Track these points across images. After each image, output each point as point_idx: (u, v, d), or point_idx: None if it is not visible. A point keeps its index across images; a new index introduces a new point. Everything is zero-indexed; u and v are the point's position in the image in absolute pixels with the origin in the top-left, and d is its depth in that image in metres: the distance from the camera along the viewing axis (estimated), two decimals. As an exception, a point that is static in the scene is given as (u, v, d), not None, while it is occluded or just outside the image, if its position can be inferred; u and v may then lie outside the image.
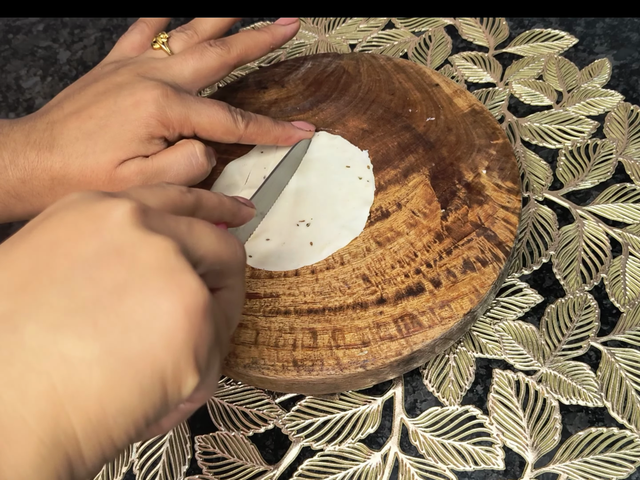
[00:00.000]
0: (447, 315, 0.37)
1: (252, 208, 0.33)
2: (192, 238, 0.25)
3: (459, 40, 0.56)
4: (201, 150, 0.39)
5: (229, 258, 0.26)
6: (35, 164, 0.37)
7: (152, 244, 0.22)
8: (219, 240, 0.26)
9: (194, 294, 0.22)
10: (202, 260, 0.25)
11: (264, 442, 0.38)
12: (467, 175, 0.42)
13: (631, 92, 0.50)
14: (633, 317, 0.40)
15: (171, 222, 0.24)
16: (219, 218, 0.30)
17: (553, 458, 0.36)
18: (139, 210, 0.23)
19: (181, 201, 0.27)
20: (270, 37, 0.43)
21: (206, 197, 0.29)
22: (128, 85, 0.38)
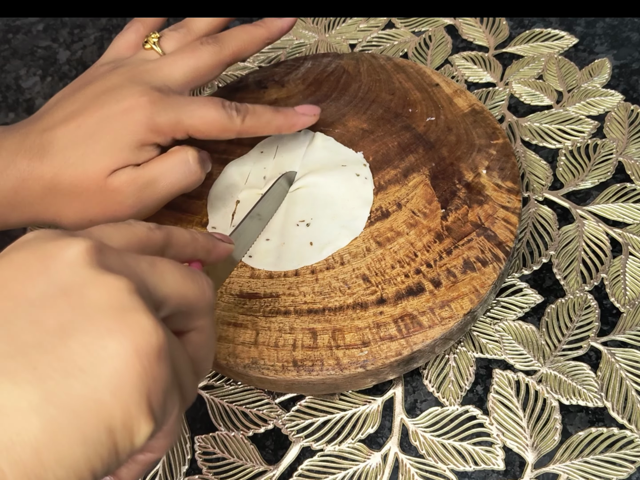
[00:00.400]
0: (447, 315, 0.37)
1: (229, 244, 0.31)
2: (154, 277, 0.23)
3: (459, 40, 0.56)
4: (194, 157, 0.38)
5: (196, 299, 0.25)
6: (26, 174, 0.36)
7: (103, 283, 0.21)
8: (184, 280, 0.25)
9: (147, 334, 0.21)
10: (165, 301, 0.24)
11: (264, 442, 0.38)
12: (467, 175, 0.42)
13: (631, 92, 0.50)
14: (633, 317, 0.40)
15: (131, 260, 0.23)
16: (191, 256, 0.29)
17: (553, 458, 0.36)
18: (93, 249, 0.22)
19: (148, 239, 0.26)
20: (267, 32, 0.42)
21: (177, 234, 0.27)
22: (117, 91, 0.37)
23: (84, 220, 0.38)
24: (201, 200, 0.44)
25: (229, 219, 0.43)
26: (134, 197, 0.37)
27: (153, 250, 0.26)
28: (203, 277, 0.26)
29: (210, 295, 0.26)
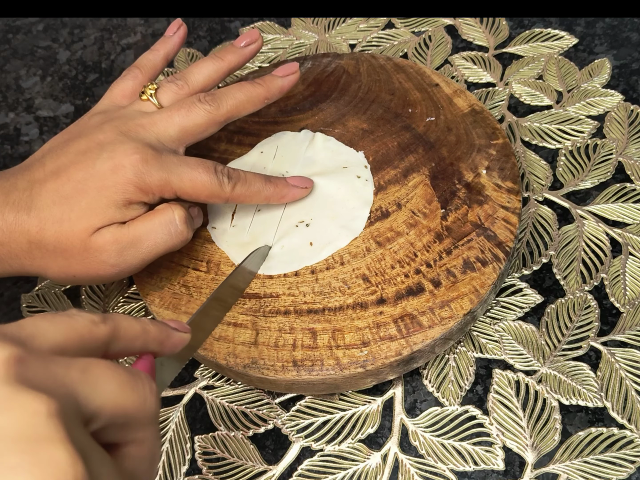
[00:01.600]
0: (447, 315, 0.37)
1: (185, 332, 0.29)
2: (86, 387, 0.21)
3: (459, 40, 0.56)
4: (181, 217, 0.37)
5: (135, 409, 0.23)
6: (13, 227, 0.36)
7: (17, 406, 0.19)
8: (121, 388, 0.22)
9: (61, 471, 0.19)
10: (98, 413, 0.22)
11: (264, 442, 0.38)
12: (467, 175, 0.42)
13: (631, 92, 0.50)
14: (633, 317, 0.40)
15: (59, 369, 0.21)
16: (141, 349, 0.27)
17: (553, 458, 0.36)
18: (13, 360, 0.20)
19: (90, 334, 0.24)
20: (265, 91, 0.40)
21: (125, 326, 0.26)
22: (109, 147, 0.36)
23: (68, 276, 0.37)
24: (201, 200, 0.44)
25: (229, 218, 0.43)
26: (116, 257, 0.36)
27: (95, 346, 0.24)
28: (145, 384, 0.24)
29: (152, 404, 0.24)
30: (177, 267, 0.42)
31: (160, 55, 0.42)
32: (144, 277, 0.42)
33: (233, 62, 0.42)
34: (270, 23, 0.60)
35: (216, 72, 0.41)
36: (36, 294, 0.47)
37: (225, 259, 0.41)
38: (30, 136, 0.57)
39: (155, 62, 0.42)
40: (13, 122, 0.58)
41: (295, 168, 0.44)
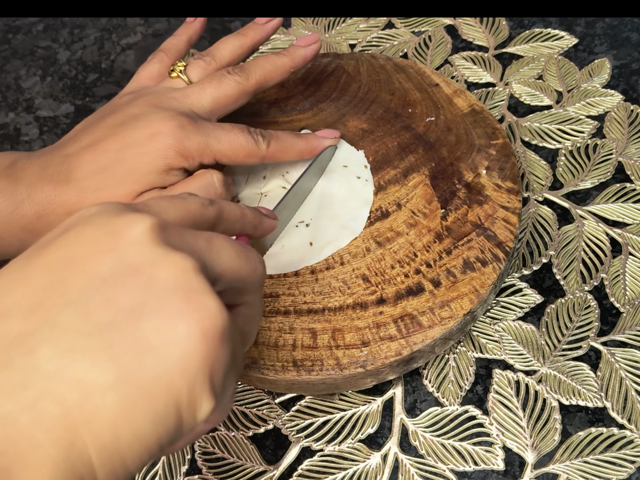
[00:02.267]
0: (447, 315, 0.37)
1: (274, 219, 0.32)
2: (211, 254, 0.24)
3: (459, 40, 0.56)
4: (220, 180, 0.38)
5: (248, 275, 0.26)
6: (51, 199, 0.36)
7: (170, 263, 0.22)
8: (238, 257, 0.25)
9: (213, 317, 0.22)
10: (221, 277, 0.24)
11: (264, 442, 0.38)
12: (467, 175, 0.42)
13: (631, 92, 0.50)
14: (633, 317, 0.40)
15: (190, 238, 0.24)
16: (240, 230, 0.30)
17: (553, 458, 0.36)
18: (158, 227, 0.23)
19: (201, 214, 0.26)
20: (290, 61, 0.42)
21: (228, 209, 0.28)
22: (144, 117, 0.37)
23: None
24: (201, 200, 0.44)
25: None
26: None
27: (206, 225, 0.27)
28: (255, 254, 0.27)
29: (261, 271, 0.27)
30: (177, 267, 0.42)
31: (183, 39, 0.44)
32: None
33: (256, 38, 0.43)
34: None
35: (240, 47, 0.42)
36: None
37: (225, 259, 0.41)
38: (30, 136, 0.57)
39: (179, 46, 0.43)
40: (13, 122, 0.58)
41: (295, 168, 0.44)
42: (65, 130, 0.56)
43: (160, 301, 0.21)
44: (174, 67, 0.41)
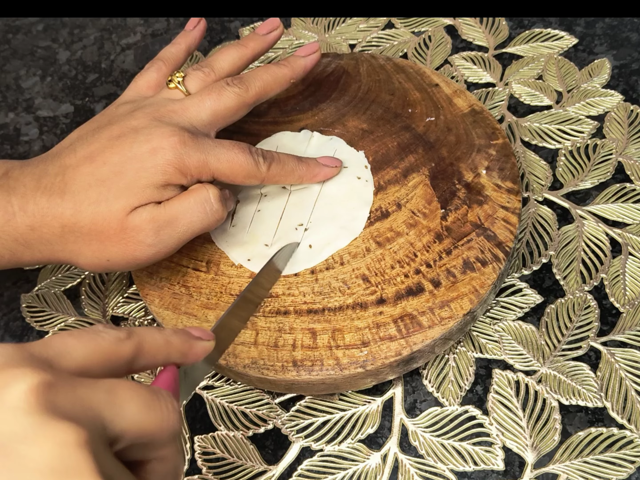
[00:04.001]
0: (446, 315, 0.37)
1: (208, 340, 0.29)
2: (112, 409, 0.22)
3: (459, 40, 0.56)
4: (215, 196, 0.37)
5: (158, 429, 0.23)
6: (45, 211, 0.35)
7: (46, 437, 0.19)
8: (146, 410, 0.23)
9: None
10: (123, 435, 0.22)
11: (264, 442, 0.38)
12: (467, 175, 0.42)
13: (631, 92, 0.50)
14: (633, 317, 0.40)
15: (86, 392, 0.21)
16: (164, 361, 0.27)
17: (553, 458, 0.36)
18: (42, 387, 0.20)
19: (114, 353, 0.24)
20: (290, 71, 0.41)
21: (148, 340, 0.26)
22: (144, 131, 0.36)
23: (101, 260, 0.37)
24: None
25: (229, 218, 0.43)
26: (154, 236, 0.36)
27: (119, 364, 0.25)
28: (167, 403, 0.24)
29: (174, 423, 0.24)
30: (177, 267, 0.42)
31: (182, 48, 0.43)
32: (143, 277, 0.42)
33: (257, 49, 0.43)
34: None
35: (240, 58, 0.42)
36: (36, 294, 0.47)
37: (225, 259, 0.41)
38: (30, 136, 0.57)
39: (177, 55, 0.43)
40: (13, 122, 0.58)
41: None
42: (64, 130, 0.56)
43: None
44: (172, 77, 0.40)
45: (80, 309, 0.45)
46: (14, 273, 0.48)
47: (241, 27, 0.60)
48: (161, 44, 0.61)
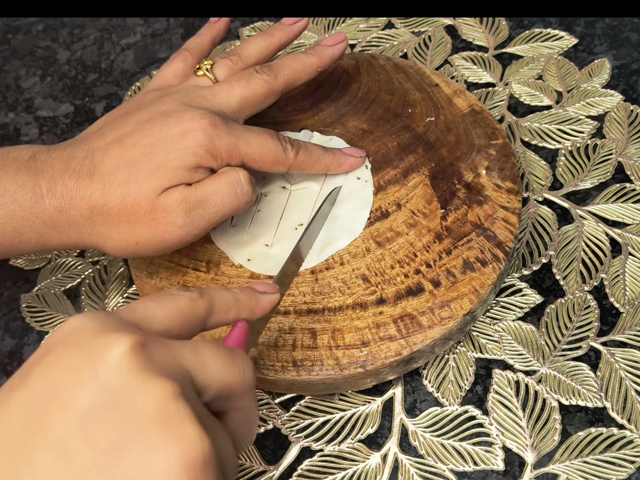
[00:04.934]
0: (446, 315, 0.37)
1: (274, 293, 0.31)
2: (198, 367, 0.24)
3: (459, 41, 0.56)
4: (246, 177, 0.37)
5: (237, 384, 0.25)
6: (74, 192, 0.35)
7: (149, 391, 0.22)
8: (226, 366, 0.25)
9: (194, 446, 0.21)
10: (208, 388, 0.24)
11: (264, 442, 0.38)
12: (467, 175, 0.42)
13: (631, 92, 0.50)
14: (633, 318, 0.40)
15: (175, 351, 0.24)
16: (235, 318, 0.29)
17: (553, 458, 0.36)
18: (139, 346, 0.22)
19: (192, 312, 0.26)
20: (318, 60, 0.42)
21: (219, 299, 0.28)
22: (174, 114, 0.36)
23: (129, 243, 0.36)
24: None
25: (229, 218, 0.43)
26: (184, 217, 0.36)
27: (196, 322, 0.27)
28: (243, 360, 0.26)
29: (250, 377, 0.26)
30: (177, 267, 0.42)
31: (207, 39, 0.43)
32: (143, 277, 0.42)
33: (283, 39, 0.43)
34: (270, 23, 0.60)
35: (267, 47, 0.42)
36: (36, 294, 0.47)
37: (225, 259, 0.41)
38: (30, 136, 0.57)
39: (203, 45, 0.43)
40: (13, 122, 0.58)
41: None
42: (65, 130, 0.56)
43: (139, 434, 0.21)
44: (201, 65, 0.40)
45: (80, 309, 0.45)
46: (14, 273, 0.48)
47: (241, 27, 0.60)
48: (161, 44, 0.61)
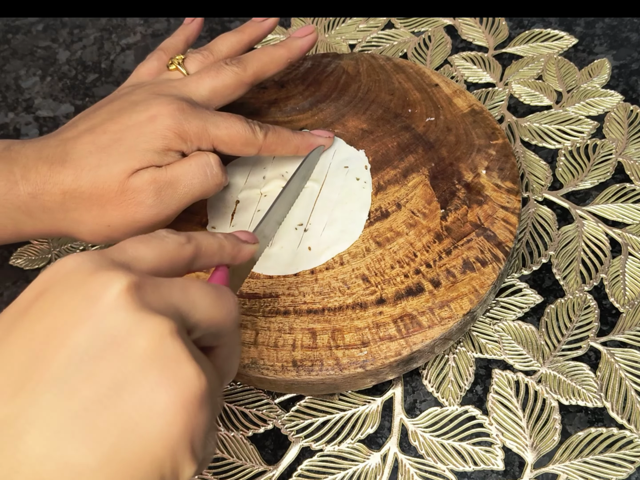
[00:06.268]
0: (446, 315, 0.37)
1: (254, 243, 0.32)
2: (187, 304, 0.25)
3: (459, 41, 0.56)
4: (216, 160, 0.38)
5: (224, 320, 0.26)
6: (46, 178, 0.36)
7: (147, 330, 0.22)
8: (214, 304, 0.26)
9: (191, 384, 0.22)
10: (197, 326, 0.25)
11: (264, 442, 0.38)
12: (467, 175, 0.42)
13: (631, 92, 0.50)
14: (632, 318, 0.40)
15: (166, 290, 0.24)
16: (218, 262, 0.30)
17: (552, 458, 0.36)
18: (133, 286, 0.23)
19: (179, 254, 0.27)
20: (287, 52, 0.42)
21: (205, 244, 0.28)
22: (143, 102, 0.38)
23: (102, 226, 0.37)
24: (201, 200, 0.44)
25: (229, 219, 0.43)
26: (154, 197, 0.37)
27: (183, 264, 0.27)
28: (229, 297, 0.27)
29: (236, 314, 0.27)
30: (177, 267, 0.42)
31: (181, 39, 0.45)
32: (143, 277, 0.42)
33: (253, 35, 0.44)
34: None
35: (238, 43, 0.43)
36: (36, 294, 0.47)
37: (224, 259, 0.41)
38: (30, 136, 0.57)
39: (177, 45, 0.44)
40: (13, 122, 0.58)
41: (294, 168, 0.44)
42: (65, 130, 0.56)
43: (139, 372, 0.22)
44: (173, 59, 0.42)
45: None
46: (14, 273, 0.48)
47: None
48: (161, 44, 0.61)
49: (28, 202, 0.36)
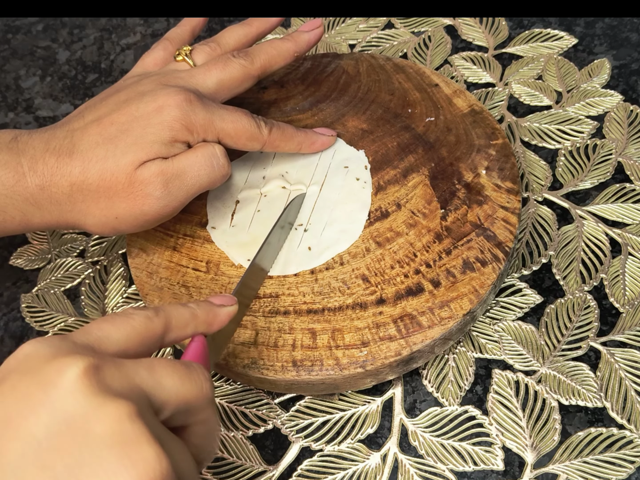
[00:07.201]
0: (446, 315, 0.37)
1: (231, 305, 0.31)
2: (154, 383, 0.24)
3: (459, 41, 0.56)
4: (222, 151, 0.38)
5: (195, 398, 0.26)
6: (54, 170, 0.36)
7: (104, 414, 0.22)
8: (182, 382, 0.25)
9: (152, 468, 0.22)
10: (165, 405, 0.24)
11: (264, 442, 0.38)
12: (467, 175, 0.42)
13: (631, 92, 0.50)
14: (632, 318, 0.40)
15: (130, 371, 0.24)
16: (193, 333, 0.29)
17: (552, 458, 0.36)
18: (91, 369, 0.23)
19: (147, 330, 0.27)
20: (294, 45, 0.42)
21: (175, 316, 0.28)
22: (150, 93, 0.38)
23: (109, 218, 0.37)
24: (201, 200, 0.44)
25: (229, 219, 0.43)
26: (162, 188, 0.37)
27: (152, 341, 0.27)
28: (199, 374, 0.26)
29: (208, 389, 0.27)
30: (177, 267, 0.42)
31: (187, 29, 0.44)
32: (143, 277, 0.42)
33: (261, 28, 0.44)
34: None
35: (245, 36, 0.43)
36: (36, 294, 0.47)
37: (224, 259, 0.41)
38: (29, 136, 0.56)
39: (183, 35, 0.44)
40: (13, 122, 0.58)
41: (294, 168, 0.44)
42: (64, 130, 0.56)
43: (96, 458, 0.21)
44: (180, 50, 0.41)
45: (80, 309, 0.45)
46: (14, 273, 0.48)
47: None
48: (161, 44, 0.61)
49: (36, 193, 0.36)
